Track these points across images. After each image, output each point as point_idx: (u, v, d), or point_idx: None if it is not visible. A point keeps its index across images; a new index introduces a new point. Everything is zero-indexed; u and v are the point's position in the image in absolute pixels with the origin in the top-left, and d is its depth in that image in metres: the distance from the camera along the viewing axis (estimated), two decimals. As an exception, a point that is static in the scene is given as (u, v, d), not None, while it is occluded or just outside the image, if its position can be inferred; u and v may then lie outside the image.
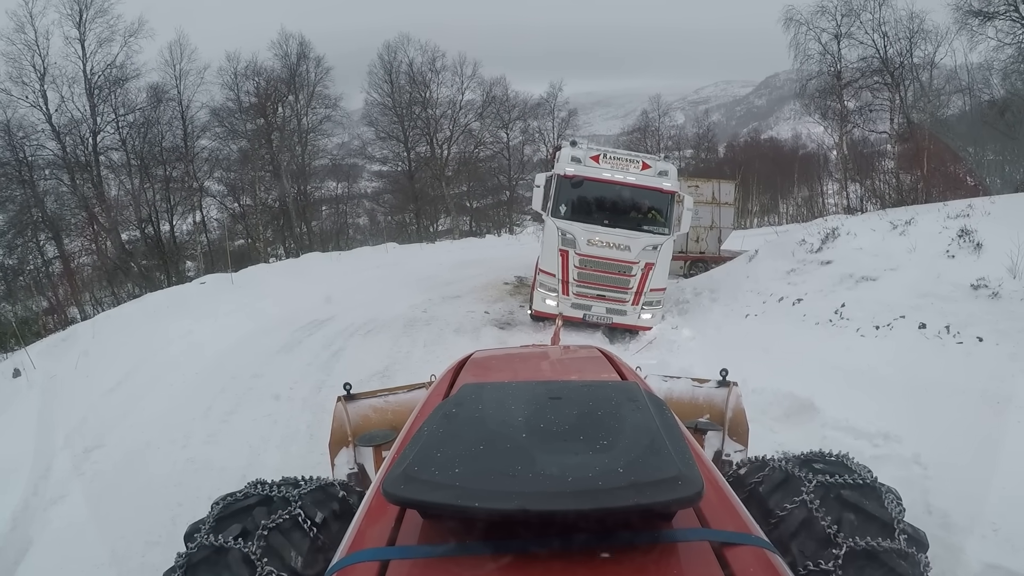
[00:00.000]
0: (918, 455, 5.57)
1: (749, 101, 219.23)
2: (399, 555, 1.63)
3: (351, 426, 4.13)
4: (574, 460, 1.60)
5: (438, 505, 1.50)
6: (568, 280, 12.43)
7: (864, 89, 37.34)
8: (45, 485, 6.17)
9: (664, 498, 1.46)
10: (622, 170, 12.44)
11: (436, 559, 1.58)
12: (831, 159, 48.48)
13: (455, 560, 1.55)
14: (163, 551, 4.83)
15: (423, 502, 1.52)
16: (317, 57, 42.94)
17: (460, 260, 25.39)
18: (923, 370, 7.37)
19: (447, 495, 1.48)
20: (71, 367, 9.37)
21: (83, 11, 33.72)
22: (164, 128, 37.89)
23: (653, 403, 2.02)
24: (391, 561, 1.59)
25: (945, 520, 4.56)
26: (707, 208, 22.73)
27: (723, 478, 2.18)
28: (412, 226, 46.68)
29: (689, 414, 4.22)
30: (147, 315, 12.60)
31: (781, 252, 12.96)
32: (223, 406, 8.39)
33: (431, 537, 1.63)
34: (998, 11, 29.82)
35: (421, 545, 1.64)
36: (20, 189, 32.29)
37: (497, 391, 2.22)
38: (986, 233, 9.32)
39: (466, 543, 1.56)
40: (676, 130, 63.83)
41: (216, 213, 42.03)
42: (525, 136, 50.54)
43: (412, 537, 1.67)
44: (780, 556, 1.69)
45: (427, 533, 1.65)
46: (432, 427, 1.84)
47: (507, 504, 1.44)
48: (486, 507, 1.44)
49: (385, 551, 1.65)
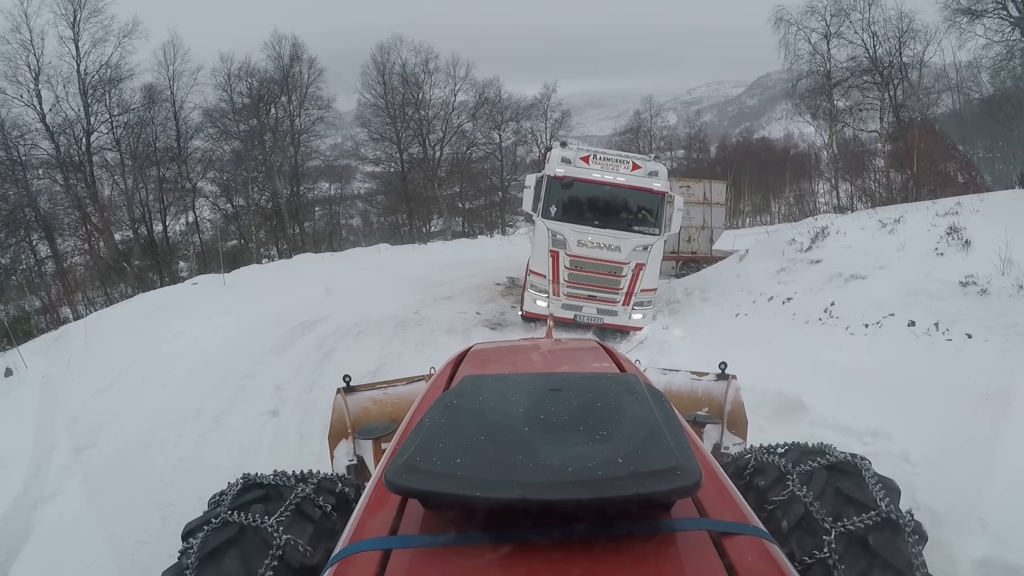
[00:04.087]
0: (907, 452, 5.60)
1: (741, 101, 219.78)
2: (401, 544, 1.64)
3: (351, 418, 4.14)
4: (574, 451, 1.62)
5: (439, 495, 1.52)
6: (559, 281, 12.43)
7: (854, 88, 37.41)
8: (36, 484, 6.15)
9: (663, 488, 1.48)
10: (612, 171, 12.46)
11: (437, 548, 1.59)
12: (822, 159, 48.57)
13: (456, 549, 1.57)
14: (153, 550, 4.85)
15: (424, 492, 1.55)
16: (310, 58, 42.90)
17: (452, 261, 25.40)
18: (912, 367, 7.39)
19: (448, 485, 1.50)
20: (63, 366, 9.32)
21: (77, 11, 33.58)
22: (158, 128, 37.81)
23: (652, 395, 2.05)
24: (393, 550, 1.61)
25: (934, 516, 4.56)
26: (698, 208, 22.77)
27: (721, 469, 2.21)
28: (405, 227, 46.58)
29: (688, 407, 4.26)
30: (139, 315, 12.54)
31: (771, 251, 12.98)
32: (214, 406, 8.39)
33: (432, 527, 1.65)
34: (987, 9, 30.01)
35: (423, 535, 1.65)
36: (13, 188, 32.10)
37: (497, 383, 2.24)
38: (975, 230, 9.35)
39: (467, 532, 1.58)
40: (668, 130, 63.78)
41: (209, 214, 41.86)
42: (518, 137, 50.53)
43: (414, 527, 1.69)
44: (778, 546, 1.71)
45: (428, 523, 1.66)
46: (433, 418, 1.86)
47: (508, 494, 1.46)
48: (487, 497, 1.46)
49: (387, 540, 1.67)
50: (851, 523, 2.38)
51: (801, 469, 2.64)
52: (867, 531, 2.37)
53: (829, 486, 2.56)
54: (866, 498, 2.49)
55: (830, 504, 2.49)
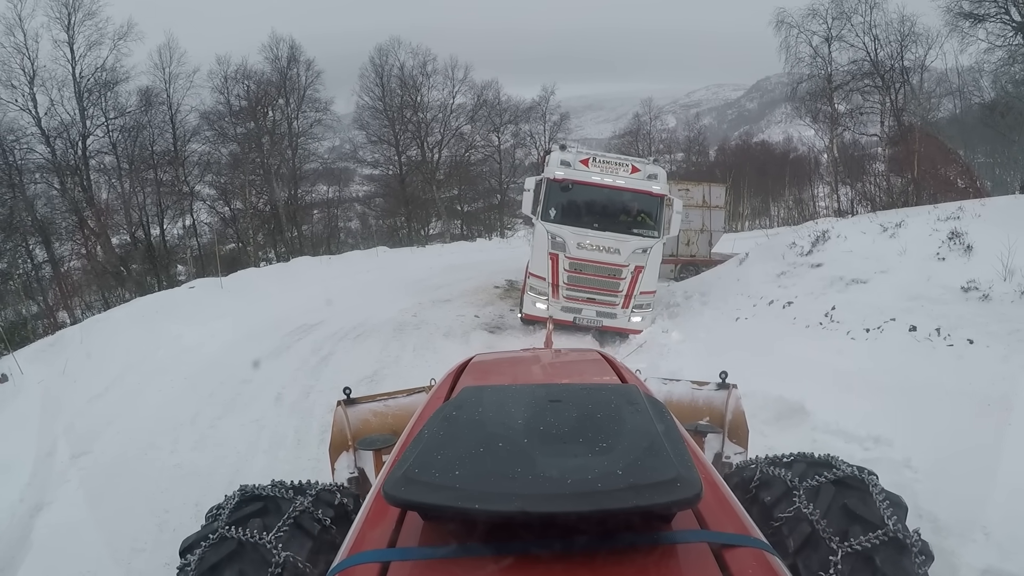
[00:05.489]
0: (909, 459, 5.55)
1: (740, 104, 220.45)
2: (400, 556, 1.63)
3: (351, 430, 4.13)
4: (573, 462, 1.61)
5: (438, 507, 1.51)
6: (558, 284, 12.43)
7: (855, 92, 37.39)
8: (32, 492, 6.11)
9: (663, 500, 1.46)
10: (611, 174, 12.46)
11: (436, 561, 1.58)
12: (822, 162, 48.56)
13: (455, 562, 1.56)
14: (149, 558, 4.82)
15: (424, 504, 1.53)
16: (308, 60, 42.78)
17: (451, 264, 25.41)
18: (914, 373, 7.36)
19: (447, 497, 1.49)
20: (59, 372, 9.28)
21: (72, 14, 33.49)
22: (155, 132, 37.71)
23: (652, 406, 2.03)
24: (392, 563, 1.59)
25: (936, 524, 4.53)
26: (698, 211, 22.76)
27: (722, 480, 2.19)
28: (403, 230, 46.48)
29: (689, 416, 4.23)
30: (136, 320, 12.52)
31: (771, 255, 12.97)
32: (211, 412, 8.36)
33: (431, 539, 1.64)
34: (989, 13, 29.98)
35: (422, 547, 1.64)
36: (9, 193, 32.01)
37: (497, 394, 2.23)
38: (976, 235, 9.34)
39: (466, 545, 1.56)
40: (667, 133, 63.73)
41: (206, 217, 41.73)
42: (517, 139, 50.51)
43: (413, 539, 1.68)
44: (779, 558, 1.69)
45: (427, 535, 1.66)
46: (433, 430, 1.86)
47: (507, 506, 1.44)
48: (486, 509, 1.45)
49: (386, 553, 1.66)
50: (858, 542, 2.37)
51: (808, 484, 2.63)
52: (874, 551, 2.35)
53: (836, 502, 2.55)
54: (873, 516, 2.48)
55: (837, 521, 2.48)
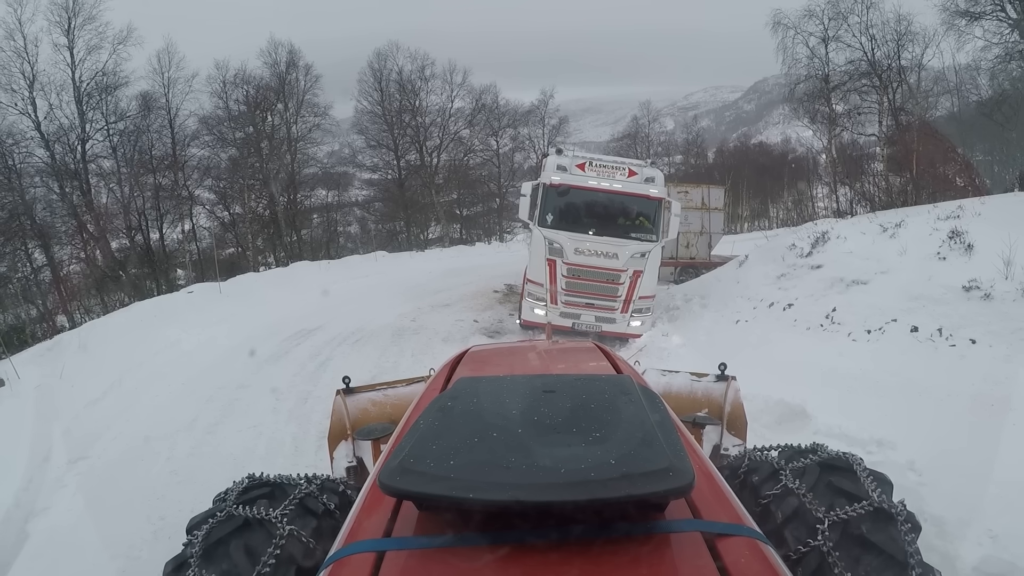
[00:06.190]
0: (912, 461, 5.54)
1: (738, 106, 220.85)
2: (395, 546, 1.65)
3: (350, 420, 4.14)
4: (567, 452, 1.63)
5: (433, 497, 1.53)
6: (556, 289, 12.38)
7: (852, 92, 37.37)
8: (28, 497, 6.09)
9: (655, 489, 1.48)
10: (608, 177, 12.41)
11: (431, 550, 1.59)
12: (820, 163, 48.58)
13: (450, 551, 1.57)
14: (144, 565, 4.76)
15: (418, 494, 1.55)
16: (306, 65, 42.70)
17: (450, 268, 25.39)
18: (916, 374, 7.34)
19: (442, 487, 1.50)
20: (56, 376, 9.25)
21: (72, 18, 33.44)
22: (154, 136, 37.67)
23: (646, 396, 2.06)
24: (387, 552, 1.61)
25: (941, 527, 4.50)
26: (697, 213, 22.80)
27: (716, 470, 2.21)
28: (402, 234, 46.51)
29: (687, 408, 4.29)
30: (134, 324, 12.49)
31: (771, 257, 12.94)
32: (209, 417, 8.33)
33: (427, 528, 1.66)
34: (985, 11, 29.96)
35: (417, 536, 1.66)
36: (9, 196, 31.96)
37: (492, 385, 2.27)
38: (977, 234, 9.31)
39: (461, 534, 1.58)
40: (666, 136, 64.13)
41: (206, 221, 41.66)
42: (515, 143, 50.63)
43: (408, 529, 1.70)
44: (772, 547, 1.71)
45: (423, 525, 1.68)
46: (428, 420, 1.87)
47: (501, 495, 1.46)
48: (480, 498, 1.47)
49: (381, 542, 1.67)
50: (844, 513, 2.43)
51: (794, 465, 2.73)
52: (860, 520, 2.41)
53: (822, 480, 2.64)
54: (858, 490, 2.55)
55: (823, 497, 2.56)
